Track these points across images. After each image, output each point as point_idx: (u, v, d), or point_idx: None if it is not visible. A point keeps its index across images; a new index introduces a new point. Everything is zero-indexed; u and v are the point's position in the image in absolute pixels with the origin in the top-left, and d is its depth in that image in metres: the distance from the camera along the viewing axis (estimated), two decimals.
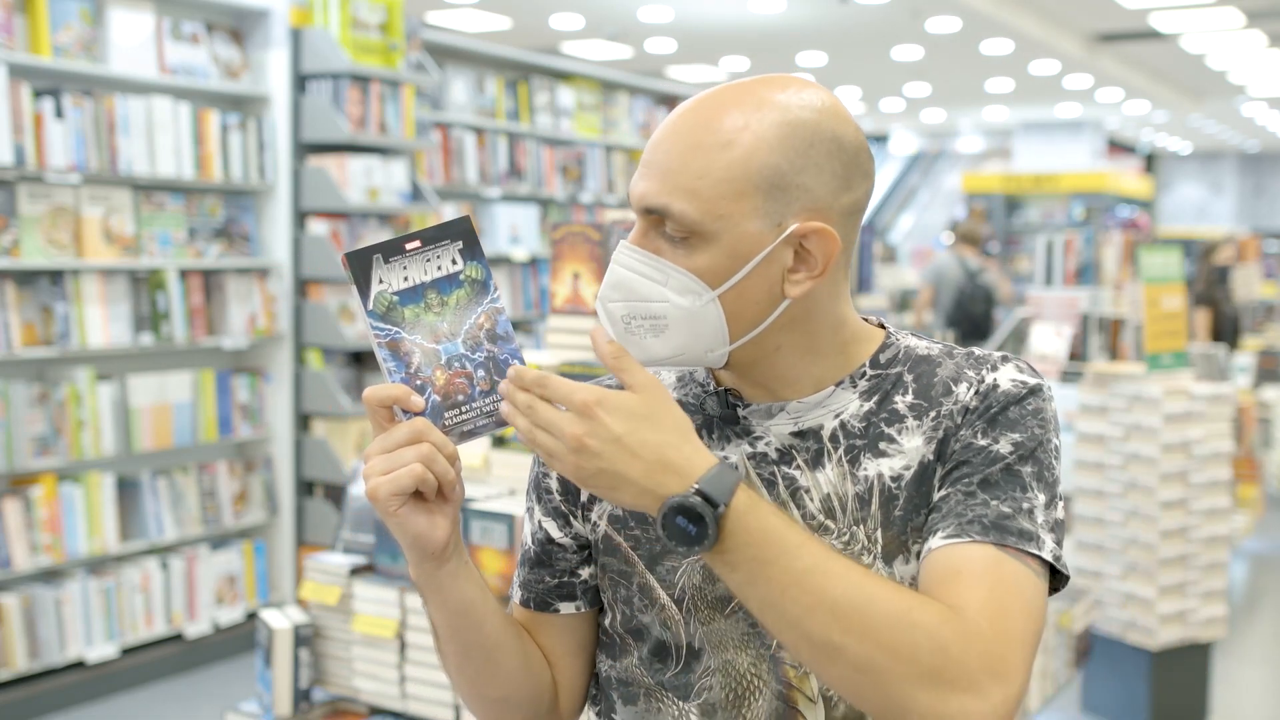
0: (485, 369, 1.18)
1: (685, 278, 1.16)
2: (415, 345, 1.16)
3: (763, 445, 1.24)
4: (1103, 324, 5.42)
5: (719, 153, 1.15)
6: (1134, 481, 4.21)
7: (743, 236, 1.15)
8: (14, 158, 4.27)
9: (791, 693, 1.21)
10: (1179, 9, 10.36)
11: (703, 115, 1.17)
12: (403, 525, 1.15)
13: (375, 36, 5.34)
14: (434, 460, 1.13)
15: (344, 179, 5.12)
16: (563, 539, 1.32)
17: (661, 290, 1.17)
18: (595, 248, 2.65)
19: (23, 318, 4.42)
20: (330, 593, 2.54)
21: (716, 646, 1.23)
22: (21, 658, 4.38)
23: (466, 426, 1.17)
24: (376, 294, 1.16)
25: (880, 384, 1.24)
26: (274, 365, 5.25)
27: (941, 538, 1.14)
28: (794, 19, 10.39)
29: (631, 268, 1.19)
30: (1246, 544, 6.89)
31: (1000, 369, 1.22)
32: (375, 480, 1.12)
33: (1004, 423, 1.18)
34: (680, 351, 1.19)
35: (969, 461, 1.17)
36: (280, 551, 5.29)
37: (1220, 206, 26.09)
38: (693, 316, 1.17)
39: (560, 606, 1.33)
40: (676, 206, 1.15)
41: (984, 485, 1.15)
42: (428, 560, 1.18)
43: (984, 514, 1.14)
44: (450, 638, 1.25)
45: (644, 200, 1.18)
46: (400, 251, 1.17)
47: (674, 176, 1.16)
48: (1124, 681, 4.33)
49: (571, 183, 7.29)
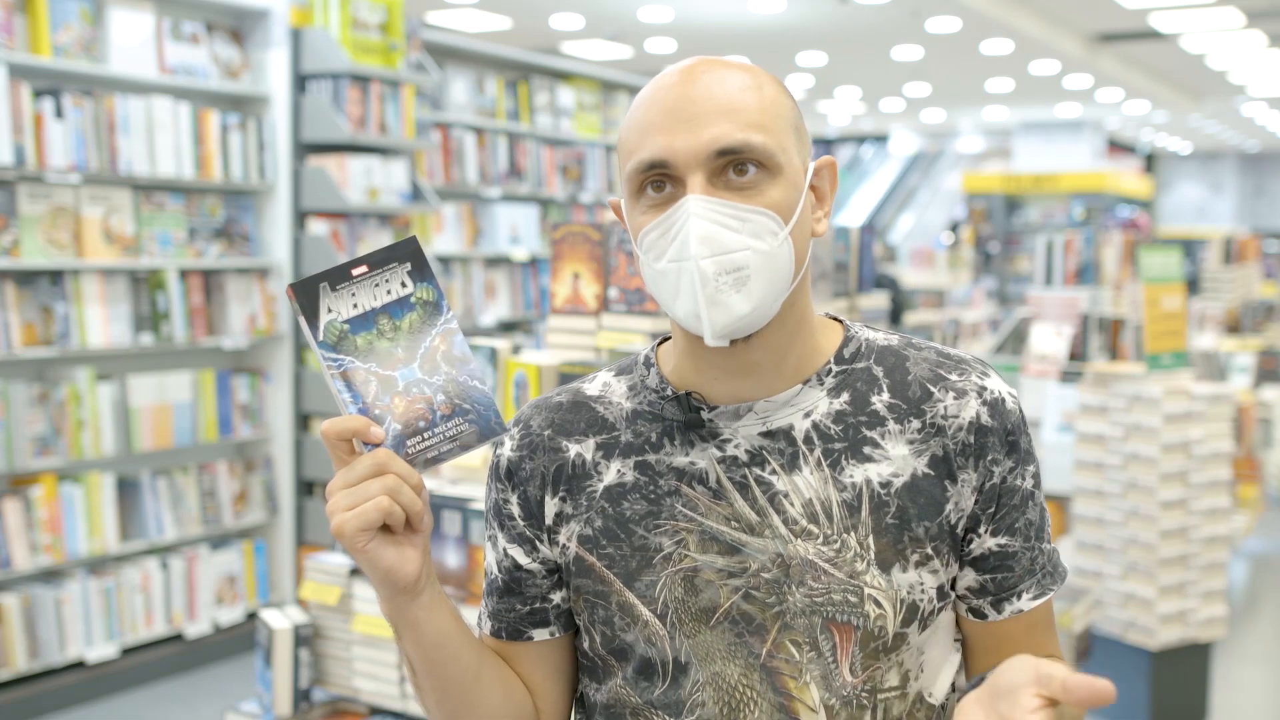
0: (445, 393, 1.14)
1: (764, 217, 1.15)
2: (371, 374, 1.13)
3: (731, 448, 1.21)
4: (1103, 324, 5.42)
5: (758, 94, 1.18)
6: (1134, 481, 4.21)
7: (795, 170, 1.19)
8: (14, 158, 4.27)
9: (793, 704, 1.19)
10: (1179, 9, 10.36)
11: (716, 72, 1.18)
12: (372, 561, 1.12)
13: (375, 36, 5.35)
14: (399, 492, 1.10)
15: (344, 179, 5.12)
16: (530, 565, 1.28)
17: (742, 238, 1.14)
18: (595, 248, 2.65)
19: (23, 318, 4.42)
20: (330, 593, 2.54)
21: (704, 659, 1.20)
22: (21, 658, 4.38)
23: (431, 453, 1.14)
24: (326, 324, 1.12)
25: (848, 380, 1.24)
26: (274, 365, 5.25)
27: (1030, 598, 1.25)
28: (794, 19, 10.39)
29: (712, 218, 1.13)
30: (1246, 544, 6.89)
31: (990, 377, 1.25)
32: (340, 517, 1.09)
33: (1025, 457, 1.25)
34: (758, 305, 1.14)
35: (1015, 506, 1.24)
36: (280, 551, 5.29)
37: (1220, 206, 26.10)
38: (772, 260, 1.15)
39: (534, 634, 1.29)
40: (757, 139, 1.15)
41: (1037, 534, 1.26)
42: (400, 594, 1.15)
43: (1044, 564, 1.26)
44: (428, 672, 1.22)
45: (717, 142, 1.14)
46: (347, 278, 1.13)
47: (737, 115, 1.15)
48: (1124, 681, 4.33)
49: (571, 183, 7.29)
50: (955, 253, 12.82)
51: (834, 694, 1.19)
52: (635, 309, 2.58)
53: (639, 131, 1.17)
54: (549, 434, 1.28)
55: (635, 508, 1.23)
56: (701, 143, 1.14)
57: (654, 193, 1.16)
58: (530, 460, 1.28)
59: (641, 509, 1.22)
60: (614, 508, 1.23)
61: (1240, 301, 8.15)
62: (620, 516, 1.23)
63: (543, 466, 1.27)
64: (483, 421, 1.16)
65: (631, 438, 1.25)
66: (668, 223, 1.15)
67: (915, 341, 1.28)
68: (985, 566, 1.23)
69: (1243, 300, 8.20)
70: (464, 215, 6.48)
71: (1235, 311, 8.04)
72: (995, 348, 6.19)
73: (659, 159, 1.15)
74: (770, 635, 1.19)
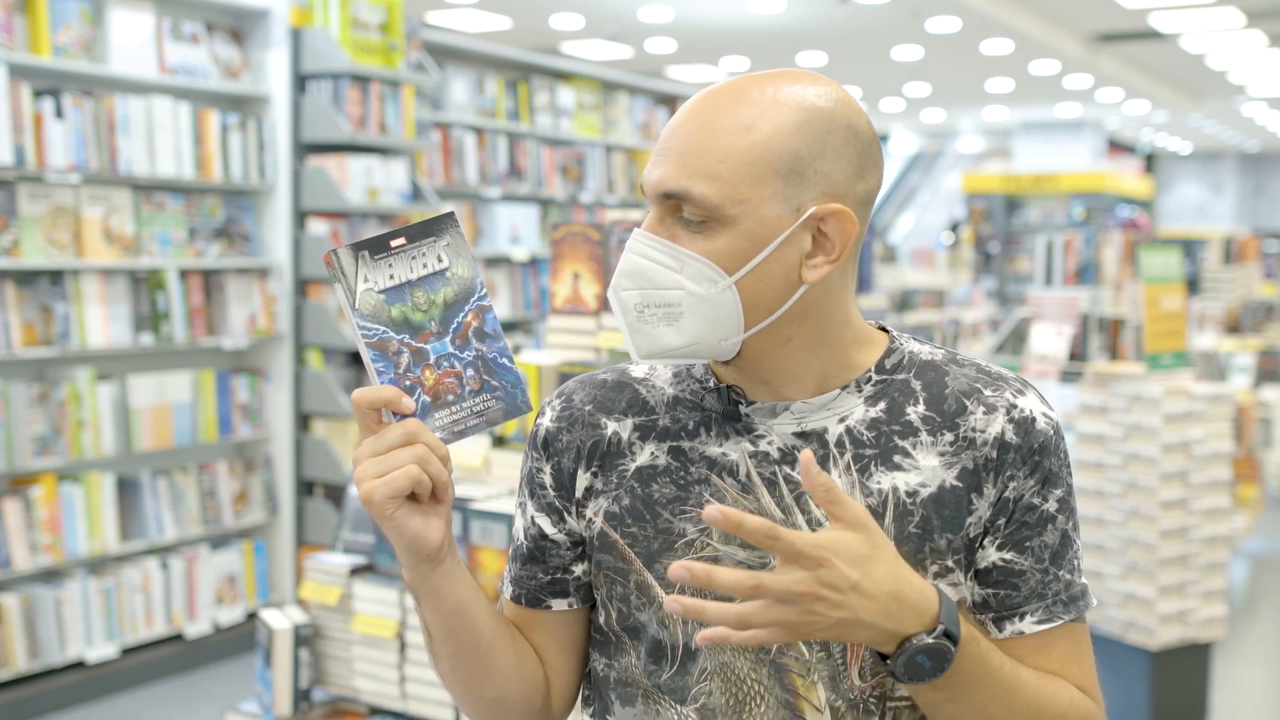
0: (474, 368, 1.16)
1: (702, 264, 1.16)
2: (403, 345, 1.14)
3: (765, 444, 1.23)
4: (1103, 324, 5.42)
5: (738, 137, 1.15)
6: (1134, 481, 4.21)
7: (762, 221, 1.16)
8: (14, 158, 4.27)
9: (798, 701, 1.20)
10: (1179, 9, 10.36)
11: (721, 102, 1.18)
12: (398, 528, 1.14)
13: (375, 36, 5.35)
14: (428, 462, 1.12)
15: (344, 179, 5.12)
16: (556, 535, 1.31)
17: (677, 277, 1.16)
18: (595, 248, 2.65)
19: (23, 318, 4.42)
20: (330, 593, 2.54)
21: (713, 648, 1.22)
22: (21, 658, 4.38)
23: (458, 427, 1.16)
24: (362, 292, 1.14)
25: (886, 390, 1.24)
26: (274, 365, 5.25)
27: (1034, 622, 1.21)
28: (794, 19, 10.39)
29: (646, 255, 1.18)
30: (1246, 544, 6.89)
31: (1027, 394, 1.24)
32: (370, 484, 1.11)
33: (1051, 479, 1.22)
34: (694, 341, 1.18)
35: (1028, 524, 1.21)
36: (280, 551, 5.29)
37: (1220, 206, 26.10)
38: (708, 304, 1.16)
39: (553, 603, 1.32)
40: (697, 190, 1.15)
41: (1053, 559, 1.22)
42: (423, 562, 1.18)
43: (1059, 591, 1.22)
44: (445, 639, 1.25)
45: (662, 185, 1.17)
46: (385, 249, 1.15)
47: (694, 161, 1.15)
48: (1124, 681, 4.33)
49: (571, 183, 7.29)
50: (955, 253, 12.82)
51: (840, 696, 1.20)
52: None
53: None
54: (589, 409, 1.31)
55: (664, 491, 1.24)
56: (653, 181, 1.18)
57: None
58: (568, 432, 1.30)
59: (670, 493, 1.24)
60: (643, 488, 1.25)
61: (1240, 301, 8.15)
62: (648, 498, 1.25)
63: (579, 440, 1.29)
64: (509, 399, 1.18)
65: (669, 423, 1.27)
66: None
67: (959, 358, 1.28)
68: (988, 580, 1.22)
69: (1243, 300, 8.20)
70: (464, 215, 6.49)
71: (1235, 311, 8.04)
72: (995, 348, 6.19)
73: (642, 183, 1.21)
74: None
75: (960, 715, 1.14)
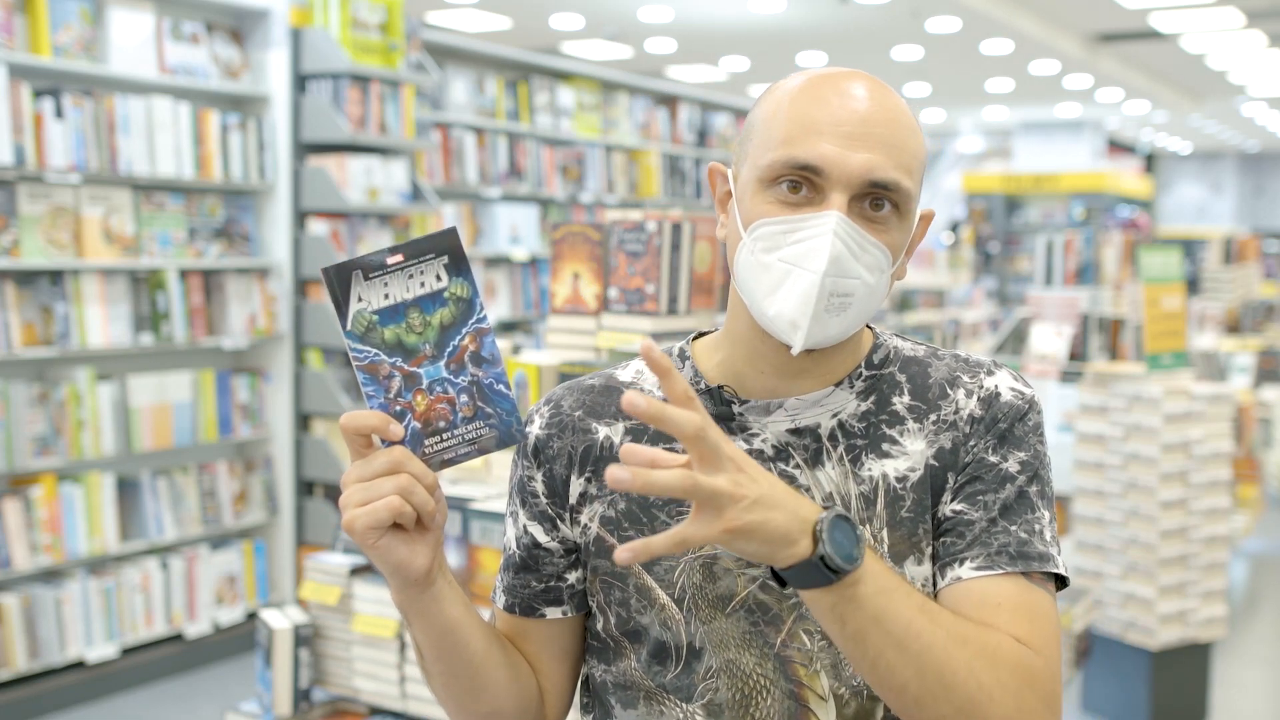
0: (469, 394, 1.13)
1: (880, 253, 1.18)
2: (395, 369, 1.11)
3: (758, 443, 1.24)
4: (1103, 324, 5.42)
5: (916, 136, 1.20)
6: (1134, 481, 4.21)
7: (913, 216, 1.22)
8: (14, 158, 4.27)
9: (802, 691, 1.21)
10: (1179, 9, 10.36)
11: (891, 98, 1.20)
12: (382, 556, 1.13)
13: (375, 36, 5.34)
14: (412, 492, 1.10)
15: (344, 179, 5.12)
16: (549, 543, 1.30)
17: (857, 267, 1.16)
18: (595, 248, 2.65)
19: (23, 318, 4.42)
20: (330, 593, 2.54)
21: (718, 646, 1.22)
22: (21, 658, 4.38)
23: (447, 454, 1.13)
24: (355, 313, 1.11)
25: (875, 384, 1.26)
26: (274, 365, 5.25)
27: (972, 568, 1.17)
28: (794, 19, 10.39)
29: (845, 241, 1.15)
30: (1246, 544, 6.89)
31: (996, 374, 1.26)
32: (352, 513, 1.10)
33: (1011, 440, 1.22)
34: (846, 329, 1.19)
35: (981, 479, 1.21)
36: (280, 551, 5.29)
37: (1220, 206, 26.09)
38: (872, 293, 1.18)
39: (546, 612, 1.31)
40: (905, 182, 1.17)
41: (1003, 512, 1.19)
42: (410, 587, 1.17)
43: (1007, 543, 1.18)
44: (436, 658, 1.24)
45: (874, 172, 1.15)
46: (382, 267, 1.11)
47: (898, 152, 1.17)
48: (1124, 681, 4.33)
49: (571, 183, 7.29)
50: (955, 253, 12.81)
51: (844, 684, 1.21)
52: (635, 309, 2.58)
53: (800, 127, 1.17)
54: (579, 415, 1.30)
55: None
56: (859, 167, 1.15)
57: (790, 191, 1.17)
58: (559, 439, 1.30)
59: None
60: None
61: (1240, 301, 8.15)
62: (644, 500, 1.25)
63: (570, 446, 1.29)
64: (503, 428, 1.15)
65: None
66: (799, 225, 1.16)
67: (939, 351, 1.31)
68: (939, 531, 1.21)
69: (1243, 300, 8.20)
70: (464, 215, 6.48)
71: (1235, 311, 8.04)
72: (995, 348, 6.19)
73: (814, 164, 1.16)
74: (785, 625, 1.21)
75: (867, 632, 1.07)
